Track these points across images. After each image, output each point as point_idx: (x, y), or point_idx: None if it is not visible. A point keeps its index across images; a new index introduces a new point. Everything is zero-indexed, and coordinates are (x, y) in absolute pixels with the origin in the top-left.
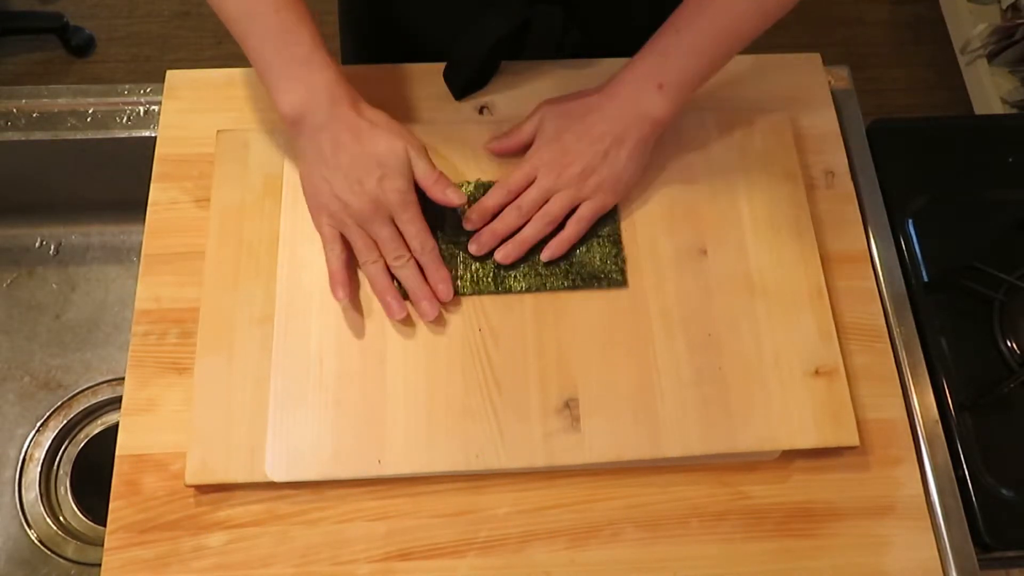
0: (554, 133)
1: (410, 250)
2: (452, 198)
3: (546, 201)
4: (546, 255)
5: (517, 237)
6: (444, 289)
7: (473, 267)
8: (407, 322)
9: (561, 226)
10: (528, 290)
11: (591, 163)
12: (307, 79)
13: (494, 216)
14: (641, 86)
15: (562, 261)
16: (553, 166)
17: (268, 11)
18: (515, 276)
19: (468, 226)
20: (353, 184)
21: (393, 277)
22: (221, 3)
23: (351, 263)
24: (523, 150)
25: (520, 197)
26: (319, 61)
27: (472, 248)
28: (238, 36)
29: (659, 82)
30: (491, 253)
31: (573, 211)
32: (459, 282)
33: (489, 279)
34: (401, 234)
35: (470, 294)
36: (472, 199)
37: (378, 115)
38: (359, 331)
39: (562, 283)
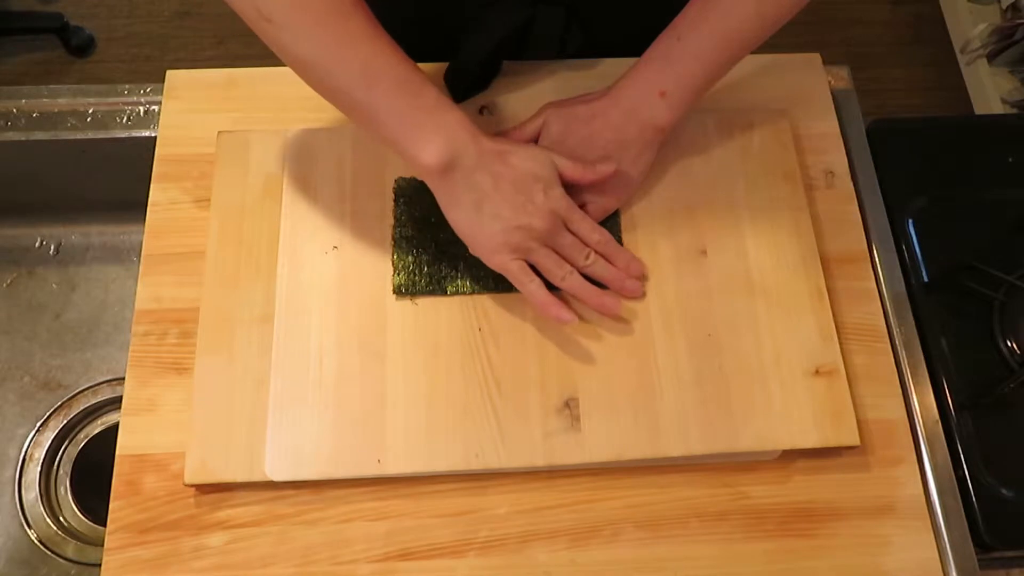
0: (558, 137)
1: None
2: (603, 170)
3: None
4: None
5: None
6: (636, 265)
7: (473, 267)
8: (407, 322)
9: None
10: None
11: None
12: (443, 125)
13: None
14: (644, 93)
15: None
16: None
17: (388, 68)
18: None
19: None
20: (526, 206)
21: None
22: (331, 77)
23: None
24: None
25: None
26: (446, 104)
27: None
28: (358, 102)
29: (661, 90)
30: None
31: None
32: (459, 282)
33: (489, 279)
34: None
35: (470, 294)
36: None
37: (501, 138)
38: (359, 331)
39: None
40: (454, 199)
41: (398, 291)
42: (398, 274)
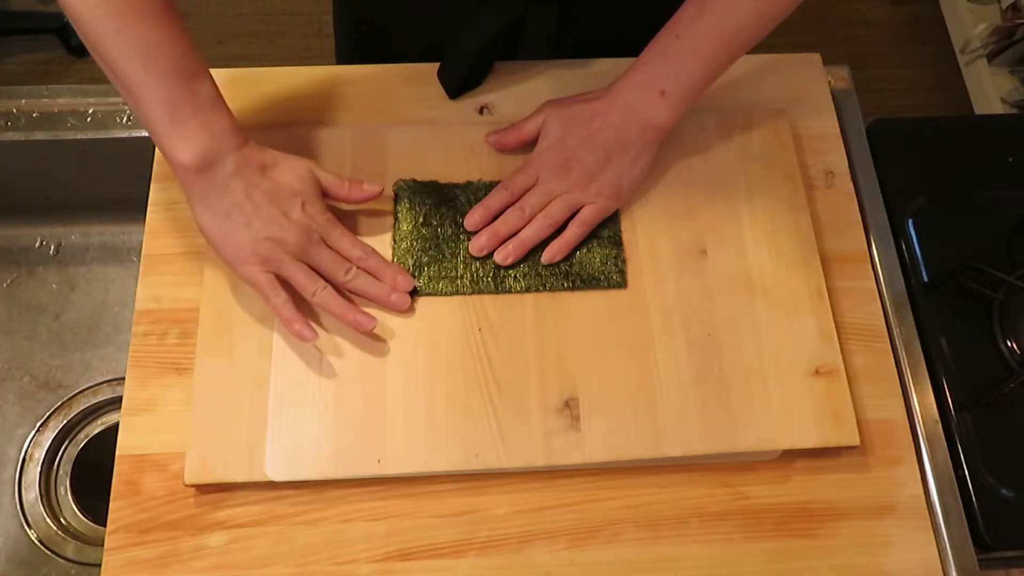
0: (558, 137)
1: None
2: (369, 190)
3: (548, 203)
4: (547, 257)
5: (517, 237)
6: (403, 280)
7: (473, 267)
8: (407, 322)
9: (563, 228)
10: (527, 290)
11: (594, 168)
12: (208, 126)
13: (495, 217)
14: (643, 93)
15: (562, 262)
16: (556, 170)
17: (172, 53)
18: (515, 276)
19: (470, 226)
20: (279, 219)
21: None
22: (110, 56)
23: (298, 302)
24: (522, 147)
25: (522, 199)
26: (220, 106)
27: (473, 248)
28: (132, 85)
29: (661, 89)
30: (491, 254)
31: (575, 213)
32: (459, 282)
33: (489, 279)
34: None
35: (470, 294)
36: (470, 199)
37: (269, 149)
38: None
39: (562, 284)
40: (206, 204)
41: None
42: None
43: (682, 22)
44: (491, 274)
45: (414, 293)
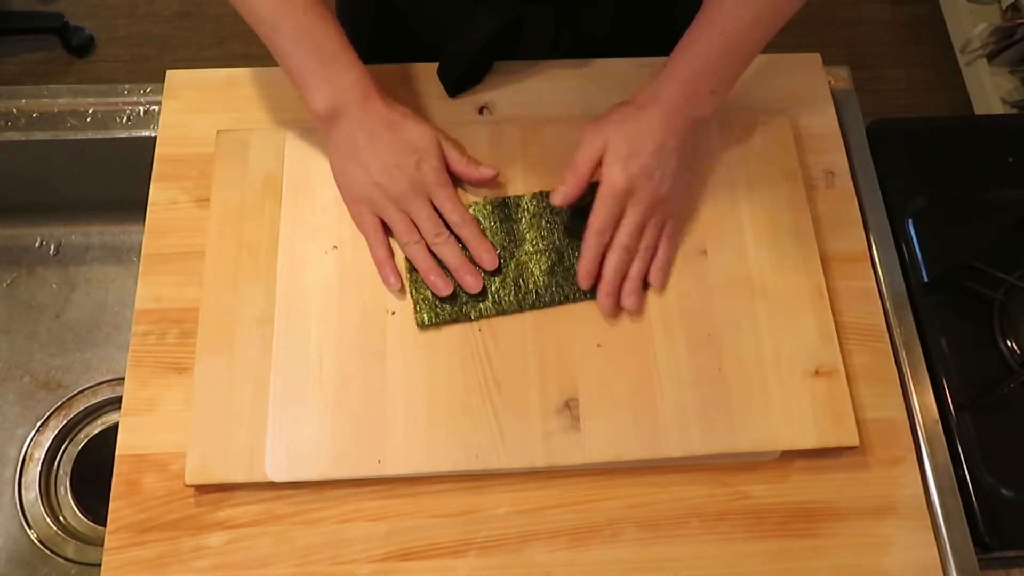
0: (625, 161)
1: (449, 228)
2: (486, 172)
3: (636, 231)
4: (659, 285)
5: (631, 280)
6: (488, 259)
7: (492, 289)
8: (407, 322)
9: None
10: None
11: (668, 183)
12: (337, 77)
13: (600, 263)
14: (696, 95)
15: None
16: (640, 195)
17: (296, 13)
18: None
19: (586, 287)
20: (392, 168)
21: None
22: (248, 6)
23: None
24: (589, 184)
25: (618, 236)
26: (346, 60)
27: (606, 311)
28: (265, 36)
29: (712, 88)
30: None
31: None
32: (481, 306)
33: (512, 300)
34: (438, 214)
35: (495, 315)
36: (484, 218)
37: (405, 109)
38: (359, 331)
39: (585, 295)
40: (335, 145)
41: (422, 325)
42: (420, 311)
43: (725, 17)
44: (513, 294)
45: (440, 324)
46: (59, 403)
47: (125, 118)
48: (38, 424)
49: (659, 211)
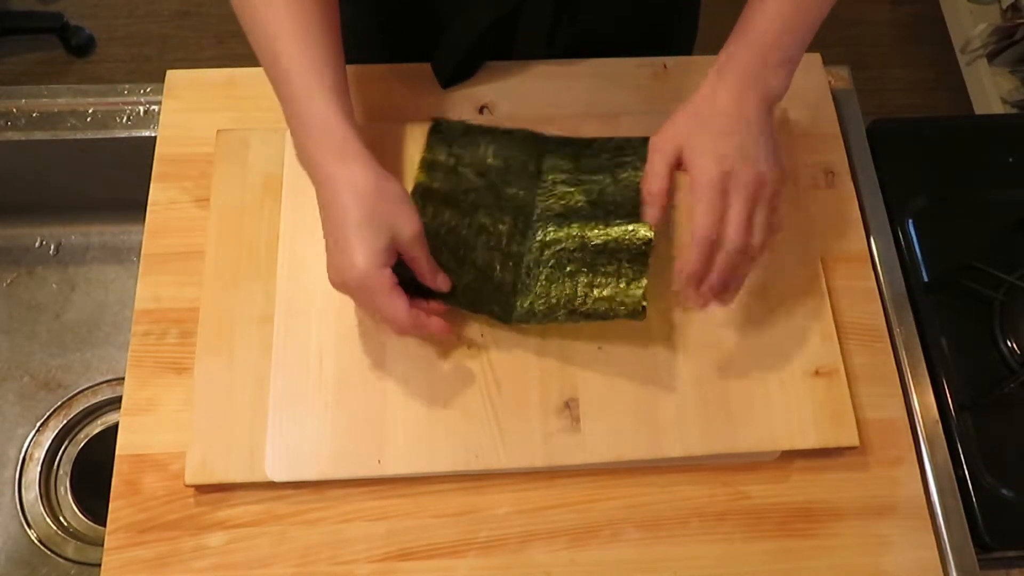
0: (711, 147)
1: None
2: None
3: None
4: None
5: (737, 276)
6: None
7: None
8: None
9: None
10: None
11: (763, 169)
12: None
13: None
14: (767, 64)
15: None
16: (741, 179)
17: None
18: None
19: (693, 289)
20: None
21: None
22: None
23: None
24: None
25: (728, 236)
26: (335, 123)
27: (693, 303)
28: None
29: (787, 55)
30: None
31: None
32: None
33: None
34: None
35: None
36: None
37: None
38: (359, 331)
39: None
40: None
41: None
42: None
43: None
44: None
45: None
46: (59, 403)
47: (125, 118)
48: (38, 424)
49: (765, 191)
